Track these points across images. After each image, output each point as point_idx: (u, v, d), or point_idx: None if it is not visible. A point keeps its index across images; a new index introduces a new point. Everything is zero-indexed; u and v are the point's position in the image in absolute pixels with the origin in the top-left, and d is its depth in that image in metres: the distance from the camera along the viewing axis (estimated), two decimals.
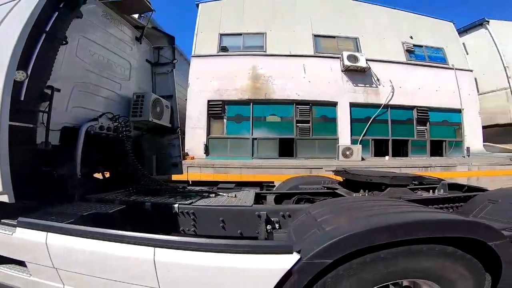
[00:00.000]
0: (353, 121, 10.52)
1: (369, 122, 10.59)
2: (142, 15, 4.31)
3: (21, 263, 1.81)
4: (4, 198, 1.84)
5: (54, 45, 2.55)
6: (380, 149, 10.78)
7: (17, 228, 1.75)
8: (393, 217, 1.47)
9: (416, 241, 1.35)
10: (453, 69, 11.48)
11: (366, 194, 2.55)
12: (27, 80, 2.24)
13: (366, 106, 10.64)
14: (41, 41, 2.34)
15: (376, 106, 10.66)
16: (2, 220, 1.85)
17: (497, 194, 2.18)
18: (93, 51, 3.27)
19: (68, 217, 1.98)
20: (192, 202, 2.44)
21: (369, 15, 11.64)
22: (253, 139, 10.06)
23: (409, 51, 11.33)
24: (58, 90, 2.71)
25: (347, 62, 9.95)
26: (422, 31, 11.86)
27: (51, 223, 1.71)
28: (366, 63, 10.22)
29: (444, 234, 1.37)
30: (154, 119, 3.81)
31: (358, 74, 10.43)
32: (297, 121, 10.18)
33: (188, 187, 3.29)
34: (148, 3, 3.63)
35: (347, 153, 9.64)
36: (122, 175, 3.23)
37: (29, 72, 2.25)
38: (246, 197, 2.68)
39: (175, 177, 4.46)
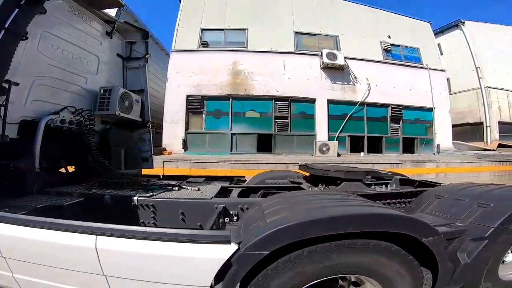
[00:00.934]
0: (330, 117, 10.78)
1: (346, 119, 10.89)
2: (121, 9, 4.26)
3: None
4: None
5: (13, 41, 2.54)
6: (356, 146, 11.13)
7: None
8: (331, 211, 1.48)
9: (358, 236, 1.37)
10: (427, 69, 11.93)
11: (322, 188, 2.66)
12: None
13: (343, 103, 10.91)
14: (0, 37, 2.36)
15: (353, 103, 10.96)
16: None
17: (444, 189, 2.30)
18: (57, 45, 3.24)
19: (22, 209, 2.01)
20: (153, 195, 2.52)
21: (350, 13, 11.84)
22: (232, 134, 10.11)
23: (386, 50, 11.68)
24: (17, 84, 2.71)
25: (326, 60, 10.15)
26: (399, 31, 12.21)
27: (5, 215, 1.75)
28: (345, 61, 10.46)
29: (376, 228, 1.39)
30: (122, 113, 3.83)
31: (337, 71, 10.66)
32: (276, 117, 10.31)
33: (152, 181, 3.35)
34: (120, 0, 3.63)
35: (324, 149, 9.90)
36: (85, 169, 3.26)
37: None
38: (210, 190, 2.76)
39: (146, 171, 4.50)
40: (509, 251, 1.87)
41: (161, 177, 4.09)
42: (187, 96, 10.06)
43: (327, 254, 1.37)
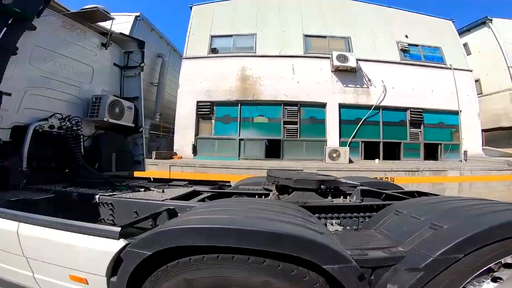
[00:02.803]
0: (342, 122, 10.43)
1: (359, 124, 10.47)
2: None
3: None
4: None
5: (3, 57, 2.86)
6: (370, 152, 10.62)
7: None
8: (226, 221, 1.39)
9: (272, 255, 1.25)
10: (450, 69, 11.14)
11: (272, 197, 2.51)
12: None
13: (356, 107, 10.50)
14: None
15: (367, 107, 10.51)
16: None
17: (407, 204, 2.04)
18: (49, 58, 3.52)
19: None
20: (114, 195, 2.67)
21: (362, 14, 11.43)
22: (240, 139, 10.13)
23: (403, 51, 11.09)
24: (9, 95, 3.04)
25: (336, 62, 9.88)
26: (418, 30, 11.53)
27: None
28: (357, 63, 10.10)
29: (263, 247, 1.24)
30: (112, 119, 4.06)
31: (349, 74, 10.31)
32: (285, 122, 10.17)
33: (126, 182, 3.51)
34: (107, 13, 3.89)
35: (334, 155, 9.61)
36: (68, 169, 3.53)
37: None
38: (175, 193, 2.86)
39: (138, 174, 4.73)
40: None
41: (152, 179, 4.26)
42: (197, 102, 10.29)
43: (213, 265, 1.29)
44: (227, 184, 4.07)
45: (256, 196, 2.63)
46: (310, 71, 10.30)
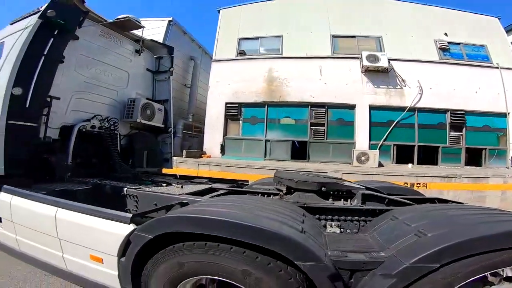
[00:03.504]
0: (372, 124, 10.03)
1: (392, 126, 9.98)
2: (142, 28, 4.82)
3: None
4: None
5: (52, 65, 3.31)
6: (403, 156, 10.07)
7: (2, 192, 2.50)
8: (221, 214, 1.53)
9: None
10: (497, 68, 10.15)
11: (276, 197, 2.64)
12: (30, 93, 3.06)
13: (388, 109, 10.04)
14: (41, 63, 3.13)
15: (401, 109, 9.98)
16: (3, 187, 2.60)
17: (406, 211, 2.01)
18: (91, 65, 4.02)
19: (44, 190, 2.69)
20: (140, 188, 2.99)
21: (395, 12, 10.84)
22: (266, 140, 10.26)
23: (443, 49, 10.33)
24: (58, 99, 3.53)
25: (366, 63, 9.55)
26: (459, 28, 10.64)
27: (15, 189, 2.40)
28: (389, 63, 9.65)
29: (246, 239, 1.36)
30: (143, 120, 4.49)
31: (380, 74, 9.89)
32: (312, 124, 10.07)
33: (152, 178, 3.85)
34: (138, 22, 4.29)
35: (362, 158, 9.31)
36: (106, 164, 3.98)
37: (31, 87, 3.06)
38: (192, 189, 3.12)
39: (166, 170, 5.11)
40: None
41: (178, 176, 4.59)
42: (226, 103, 10.62)
43: (201, 251, 1.44)
44: (245, 183, 4.25)
45: (265, 195, 2.75)
46: (338, 72, 10.07)
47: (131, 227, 1.66)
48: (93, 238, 1.84)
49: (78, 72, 3.81)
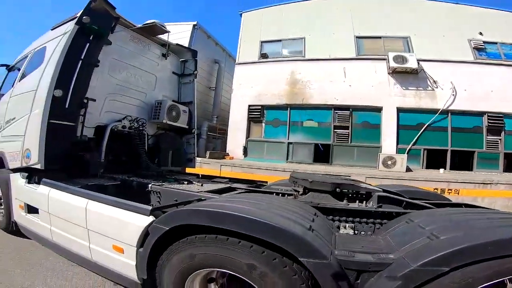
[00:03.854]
0: (400, 127, 9.63)
1: (422, 130, 9.51)
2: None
3: (36, 211, 2.82)
4: (38, 166, 2.92)
5: (89, 69, 3.59)
6: (434, 161, 9.54)
7: (40, 185, 2.76)
8: (234, 208, 1.57)
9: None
10: None
11: (287, 197, 2.66)
12: (69, 95, 3.35)
13: (418, 111, 9.58)
14: (78, 66, 3.42)
15: (432, 111, 9.48)
16: (42, 180, 2.86)
17: (423, 214, 1.93)
18: (123, 69, 4.31)
19: (79, 184, 2.93)
20: (163, 185, 3.15)
21: (423, 11, 10.32)
22: (289, 143, 10.23)
23: (478, 49, 9.67)
24: (94, 100, 3.82)
25: (393, 64, 9.20)
26: (496, 26, 9.90)
27: (53, 182, 2.65)
28: (418, 63, 9.23)
29: (251, 233, 1.39)
30: (169, 121, 4.70)
31: (409, 76, 9.48)
32: (335, 127, 9.89)
33: (174, 176, 4.01)
34: (164, 27, 4.49)
35: (389, 162, 8.96)
36: (134, 162, 4.22)
37: (70, 89, 3.35)
38: (211, 187, 3.23)
39: (190, 170, 5.29)
40: None
41: (200, 176, 4.75)
42: (249, 106, 10.78)
43: (212, 244, 1.50)
44: (264, 184, 4.29)
45: (280, 195, 2.78)
46: (363, 74, 9.82)
47: (150, 219, 1.77)
48: (117, 229, 1.98)
49: (111, 76, 4.09)
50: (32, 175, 3.04)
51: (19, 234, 3.27)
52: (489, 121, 9.28)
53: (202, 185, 3.26)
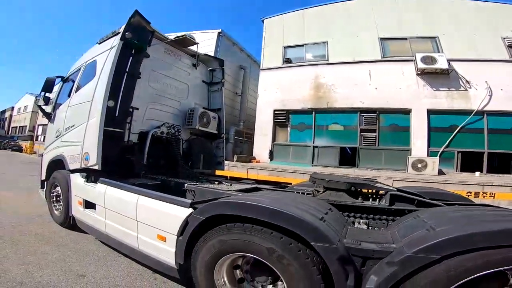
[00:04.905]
0: (432, 130, 9.32)
1: (455, 132, 9.12)
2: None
3: (94, 206, 3.27)
4: (97, 167, 3.39)
5: (133, 80, 4.03)
6: (470, 164, 9.09)
7: (98, 183, 3.23)
8: (260, 201, 1.84)
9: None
10: None
11: (306, 195, 2.90)
12: (118, 105, 3.83)
13: (450, 113, 9.21)
14: (124, 79, 3.85)
15: (466, 112, 9.07)
16: (100, 179, 3.31)
17: (431, 211, 2.04)
18: (160, 80, 4.77)
19: (127, 183, 3.36)
20: (197, 184, 3.50)
21: (451, 11, 9.93)
22: (314, 147, 10.32)
23: None
24: (137, 109, 4.31)
25: (421, 65, 8.97)
26: None
27: (109, 181, 3.09)
28: (448, 64, 8.90)
29: (273, 221, 1.63)
30: (201, 127, 5.10)
31: (439, 76, 9.17)
32: (362, 130, 9.81)
33: (205, 178, 4.35)
34: (193, 39, 4.85)
35: (419, 165, 8.71)
36: (171, 165, 4.64)
37: (119, 100, 3.83)
38: (239, 187, 3.53)
39: (219, 172, 5.66)
40: None
41: (228, 178, 5.07)
42: (274, 110, 11.05)
43: (239, 231, 1.76)
44: (288, 185, 4.50)
45: (300, 193, 3.00)
46: (389, 76, 9.67)
47: (190, 210, 2.09)
48: (161, 220, 2.30)
49: (151, 86, 4.55)
50: (90, 175, 3.52)
51: (74, 229, 3.77)
52: None
53: (231, 185, 3.57)
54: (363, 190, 2.59)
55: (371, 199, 2.50)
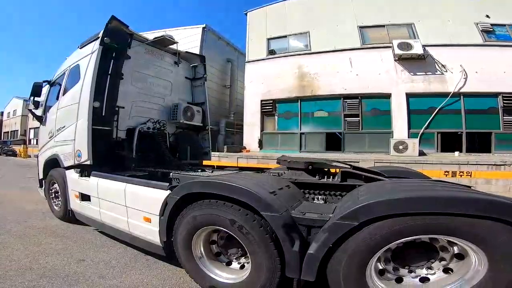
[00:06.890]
0: (411, 112, 9.73)
1: (434, 113, 9.55)
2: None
3: (89, 198, 3.63)
4: (88, 162, 3.73)
5: (116, 81, 4.25)
6: (449, 144, 9.56)
7: (91, 176, 3.59)
8: (226, 179, 2.13)
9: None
10: None
11: (268, 174, 3.20)
12: (104, 105, 4.11)
13: (428, 95, 9.61)
14: (108, 81, 4.04)
15: (443, 95, 9.47)
16: (92, 172, 3.66)
17: (371, 185, 2.18)
18: (142, 79, 5.01)
19: (117, 175, 3.70)
20: (181, 173, 3.86)
21: None
22: (301, 133, 10.73)
23: (486, 32, 9.46)
24: (123, 107, 4.60)
25: (398, 51, 9.29)
26: (503, 9, 9.64)
27: (100, 173, 3.45)
28: (424, 49, 9.25)
29: (230, 195, 1.89)
30: (185, 121, 5.40)
31: (416, 62, 9.51)
32: (345, 115, 10.22)
33: (190, 167, 4.71)
34: (172, 39, 5.05)
35: (400, 147, 9.16)
36: (158, 157, 4.98)
37: (104, 100, 4.11)
38: (219, 173, 3.88)
39: (208, 162, 6.00)
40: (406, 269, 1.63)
41: (215, 167, 5.41)
42: (261, 100, 11.37)
43: (207, 207, 2.05)
44: (271, 170, 4.86)
45: (271, 174, 3.28)
46: (369, 63, 10.01)
47: (168, 192, 2.42)
48: (146, 203, 2.62)
49: (134, 85, 4.77)
50: (83, 170, 3.84)
51: (73, 222, 4.11)
52: (505, 101, 9.14)
53: (212, 172, 3.94)
54: (323, 169, 2.80)
55: (326, 177, 2.67)
